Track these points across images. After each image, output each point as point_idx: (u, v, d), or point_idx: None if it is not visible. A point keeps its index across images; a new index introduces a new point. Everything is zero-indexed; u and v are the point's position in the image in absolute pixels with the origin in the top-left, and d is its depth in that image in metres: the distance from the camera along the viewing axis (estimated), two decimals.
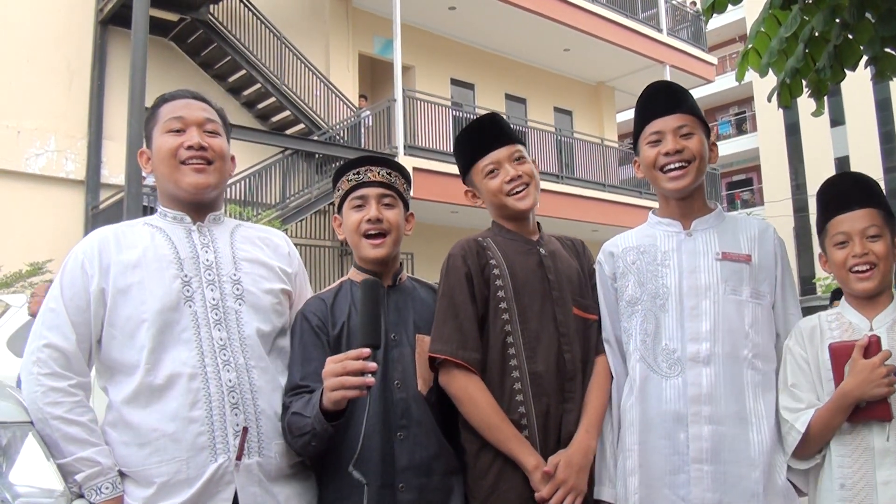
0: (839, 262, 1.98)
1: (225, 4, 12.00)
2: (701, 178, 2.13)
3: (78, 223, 10.76)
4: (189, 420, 1.80)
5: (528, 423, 1.99)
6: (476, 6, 14.40)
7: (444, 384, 2.02)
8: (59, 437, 1.76)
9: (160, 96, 2.09)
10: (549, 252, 2.18)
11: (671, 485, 1.97)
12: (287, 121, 12.85)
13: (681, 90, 2.19)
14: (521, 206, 2.15)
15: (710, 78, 19.84)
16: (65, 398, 1.79)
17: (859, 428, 1.87)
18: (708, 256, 2.08)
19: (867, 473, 1.84)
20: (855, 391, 1.83)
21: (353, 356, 1.73)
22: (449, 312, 2.05)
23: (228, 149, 2.09)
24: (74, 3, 11.26)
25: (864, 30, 2.76)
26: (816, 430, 1.90)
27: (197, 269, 1.93)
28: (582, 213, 14.75)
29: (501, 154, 2.17)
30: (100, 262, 1.89)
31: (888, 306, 1.96)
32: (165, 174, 1.98)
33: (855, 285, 1.96)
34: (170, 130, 1.98)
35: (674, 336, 2.03)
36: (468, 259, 2.10)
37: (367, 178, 2.14)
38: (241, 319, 1.93)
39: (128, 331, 1.85)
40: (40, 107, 10.75)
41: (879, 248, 1.94)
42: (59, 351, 1.82)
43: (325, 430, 1.80)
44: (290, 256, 2.15)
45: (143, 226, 2.01)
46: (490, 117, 2.28)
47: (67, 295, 1.87)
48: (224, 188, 2.11)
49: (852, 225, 1.96)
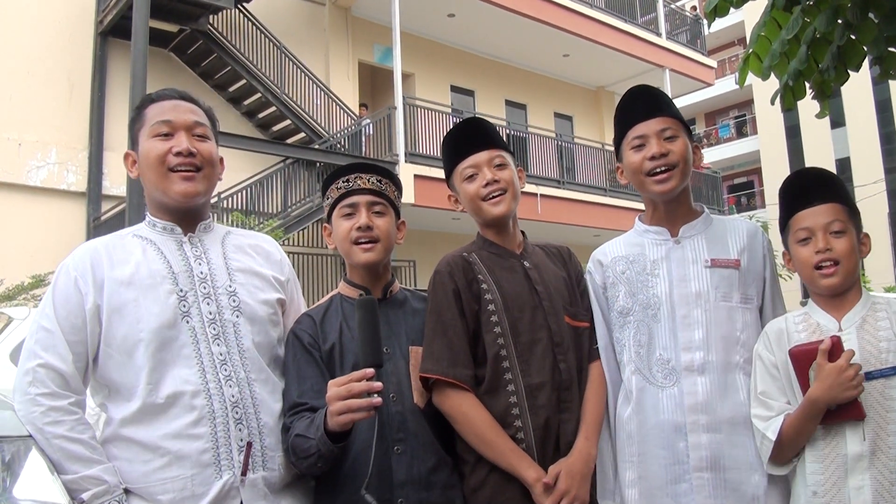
0: (803, 259, 1.93)
1: (224, 15, 12.02)
2: (686, 181, 2.11)
3: (80, 235, 10.74)
4: (193, 437, 1.77)
5: (524, 436, 1.96)
6: (475, 13, 14.42)
7: (438, 403, 1.99)
8: (62, 456, 1.72)
9: (146, 96, 2.02)
10: (534, 264, 2.15)
11: (673, 494, 1.96)
12: (288, 130, 12.86)
13: (661, 94, 2.17)
14: (494, 211, 2.11)
15: (710, 81, 19.87)
16: (65, 417, 1.75)
17: (832, 434, 1.83)
18: (697, 264, 2.07)
19: (839, 480, 1.81)
20: (824, 397, 1.78)
21: (357, 377, 1.70)
22: (438, 330, 2.01)
23: (217, 152, 2.02)
24: (74, 15, 11.29)
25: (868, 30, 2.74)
26: (788, 438, 1.86)
27: (192, 283, 1.89)
28: (583, 218, 14.73)
29: (481, 158, 2.13)
30: (93, 278, 1.83)
31: (856, 304, 1.91)
32: (153, 181, 1.92)
33: (820, 282, 1.91)
34: (157, 135, 1.92)
35: (667, 346, 2.03)
36: (455, 275, 2.06)
37: (357, 186, 2.10)
38: (239, 332, 1.90)
39: (125, 350, 1.81)
40: (41, 119, 10.77)
41: (843, 244, 1.89)
42: (56, 371, 1.77)
43: (331, 451, 1.78)
44: (281, 263, 2.11)
45: (132, 238, 1.95)
46: (473, 121, 2.24)
47: (62, 314, 1.81)
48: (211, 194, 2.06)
49: (815, 220, 1.92)
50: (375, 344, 1.73)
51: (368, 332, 1.72)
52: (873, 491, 1.77)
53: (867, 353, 1.83)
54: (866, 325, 1.87)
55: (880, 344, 1.84)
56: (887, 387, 1.80)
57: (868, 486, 1.78)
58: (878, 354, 1.83)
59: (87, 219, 10.98)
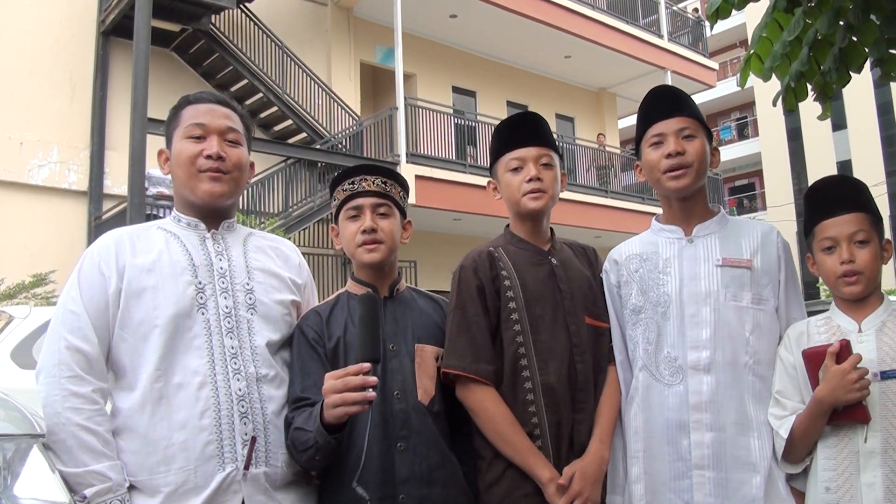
0: (828, 268, 1.97)
1: (226, 15, 12.03)
2: (702, 181, 2.15)
3: (81, 234, 10.76)
4: (198, 429, 1.79)
5: (540, 433, 1.99)
6: (476, 14, 14.43)
7: (461, 398, 2.02)
8: (74, 444, 1.73)
9: (184, 97, 2.07)
10: (561, 261, 2.17)
11: (675, 490, 1.99)
12: (289, 130, 12.87)
13: (683, 94, 2.20)
14: (531, 205, 2.14)
15: (712, 83, 19.87)
16: (85, 405, 1.77)
17: (844, 430, 1.87)
18: (708, 263, 2.08)
19: (851, 476, 1.84)
20: (828, 397, 1.82)
21: (354, 371, 1.72)
22: (462, 326, 2.04)
23: (247, 158, 2.08)
24: (76, 15, 11.30)
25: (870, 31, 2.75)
26: (798, 436, 1.90)
27: (211, 277, 1.93)
28: (584, 219, 14.74)
29: (530, 153, 2.16)
30: (116, 264, 1.88)
31: (877, 308, 1.95)
32: (182, 179, 1.98)
33: (843, 289, 1.95)
34: (190, 136, 1.97)
35: (675, 344, 2.05)
36: (479, 271, 2.09)
37: (362, 188, 2.12)
38: (252, 329, 1.93)
39: (139, 335, 1.84)
40: (43, 118, 10.77)
41: (867, 255, 1.93)
42: (82, 353, 1.80)
43: (328, 443, 1.79)
44: (300, 267, 2.16)
45: (156, 230, 2.00)
46: (531, 116, 2.27)
47: (86, 297, 1.85)
48: (239, 196, 2.11)
49: (839, 230, 1.95)
50: (374, 339, 1.75)
51: (368, 327, 1.74)
52: (885, 487, 1.80)
53: (885, 355, 1.87)
54: (885, 329, 1.91)
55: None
56: None
57: (880, 482, 1.80)
58: (895, 356, 1.86)
59: (88, 218, 10.98)
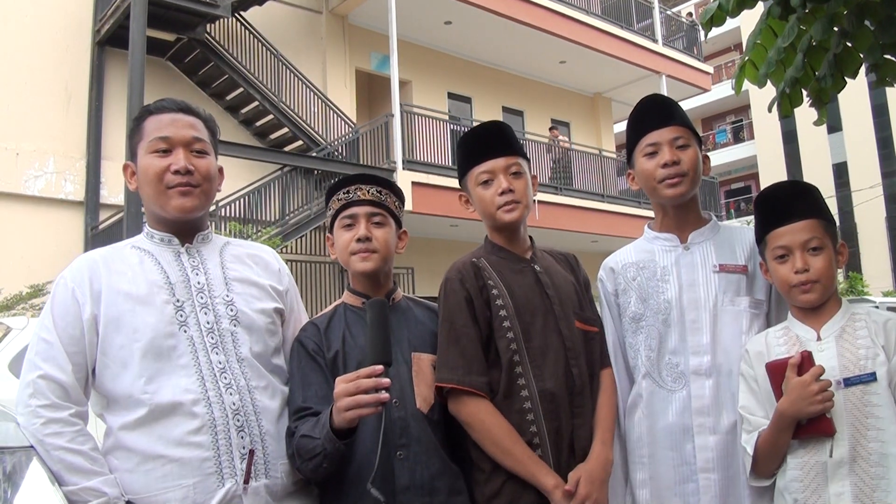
0: (781, 277, 1.94)
1: (221, 24, 12.04)
2: (696, 189, 2.18)
3: (78, 244, 10.74)
4: (194, 446, 1.77)
5: (540, 441, 1.97)
6: (471, 20, 14.45)
7: (455, 412, 2.00)
8: (62, 467, 1.72)
9: (144, 107, 2.02)
10: (544, 268, 2.16)
11: (681, 494, 2.02)
12: (285, 138, 12.87)
13: (674, 104, 2.23)
14: (507, 218, 2.12)
15: (707, 87, 19.93)
16: (65, 428, 1.75)
17: (812, 443, 1.83)
18: (706, 269, 2.11)
19: (819, 486, 1.81)
20: (790, 410, 1.79)
21: (366, 374, 1.71)
22: (451, 338, 2.02)
23: (215, 166, 2.03)
24: (71, 25, 11.30)
25: (864, 37, 2.75)
26: (763, 451, 1.87)
27: (189, 293, 1.90)
28: (581, 224, 14.75)
29: (498, 164, 2.14)
30: (90, 289, 1.85)
31: (835, 314, 1.92)
32: (151, 196, 1.94)
33: (799, 297, 1.92)
34: (156, 151, 1.92)
35: (677, 350, 2.07)
36: (466, 282, 2.07)
37: (357, 197, 2.12)
38: (237, 341, 1.91)
39: (120, 361, 1.81)
40: (39, 128, 10.76)
41: (821, 262, 1.89)
42: (56, 382, 1.77)
43: (337, 448, 1.78)
44: (280, 273, 2.12)
45: (130, 249, 1.96)
46: (495, 125, 2.25)
47: (60, 325, 1.82)
48: (210, 206, 2.07)
49: (792, 238, 1.92)
50: (385, 342, 1.75)
51: (378, 330, 1.74)
52: (853, 497, 1.78)
53: (846, 361, 1.84)
54: (845, 335, 1.88)
55: (859, 352, 1.85)
56: (866, 393, 1.81)
57: (848, 492, 1.78)
58: (856, 362, 1.84)
59: (84, 228, 10.96)
